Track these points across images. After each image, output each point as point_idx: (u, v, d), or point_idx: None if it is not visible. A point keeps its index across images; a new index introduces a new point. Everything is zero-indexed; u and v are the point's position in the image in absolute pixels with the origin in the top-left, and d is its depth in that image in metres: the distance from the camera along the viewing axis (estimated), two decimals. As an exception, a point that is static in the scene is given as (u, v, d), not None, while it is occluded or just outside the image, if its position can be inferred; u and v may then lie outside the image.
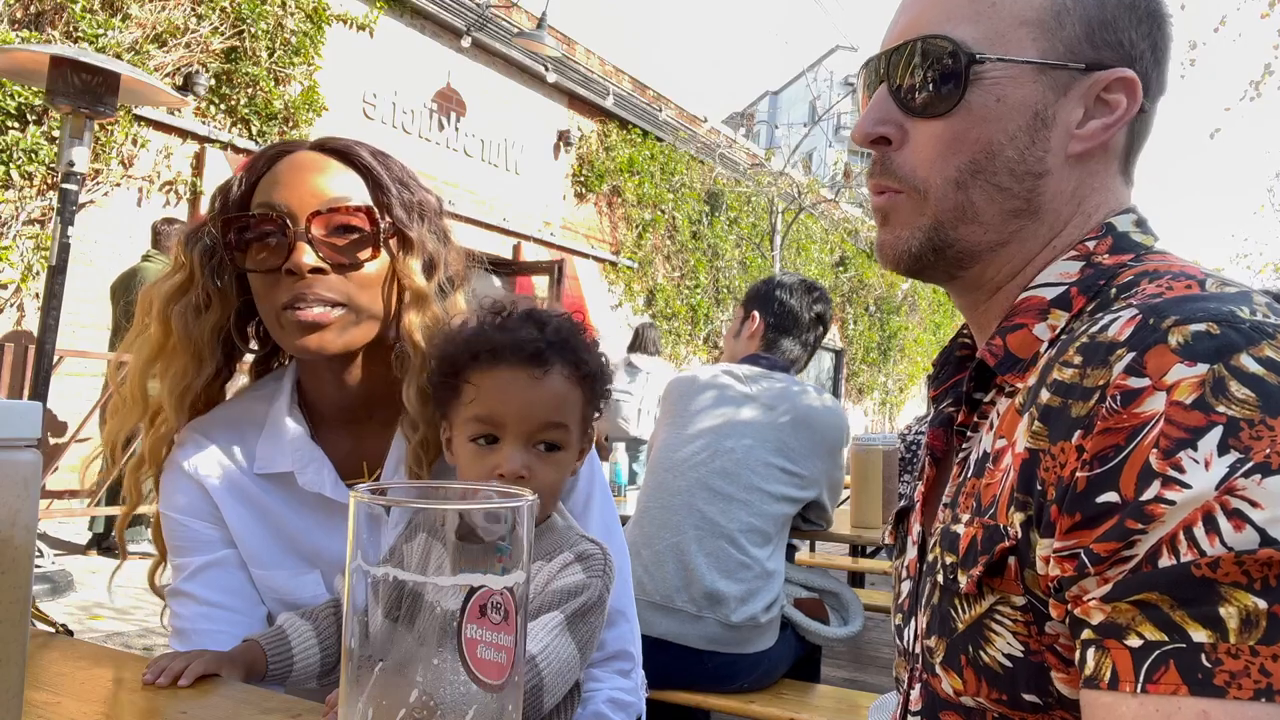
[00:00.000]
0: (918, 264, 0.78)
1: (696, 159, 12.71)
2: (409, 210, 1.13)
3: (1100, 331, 0.61)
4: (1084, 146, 0.74)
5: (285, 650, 1.04)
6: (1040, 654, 0.64)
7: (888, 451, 3.03)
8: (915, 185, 0.76)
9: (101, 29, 6.08)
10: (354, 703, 0.55)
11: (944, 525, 0.73)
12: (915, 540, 0.82)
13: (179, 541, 1.15)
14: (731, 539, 2.25)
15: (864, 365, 17.62)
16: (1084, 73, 0.73)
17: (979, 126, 0.73)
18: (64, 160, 2.95)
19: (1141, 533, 0.54)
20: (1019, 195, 0.74)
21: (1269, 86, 9.02)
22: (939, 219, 0.75)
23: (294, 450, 1.14)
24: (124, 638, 3.77)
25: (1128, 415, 0.56)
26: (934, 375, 0.89)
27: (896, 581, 0.87)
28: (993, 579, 0.65)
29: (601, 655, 1.16)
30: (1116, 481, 0.56)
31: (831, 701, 2.28)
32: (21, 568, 0.68)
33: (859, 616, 2.44)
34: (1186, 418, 0.54)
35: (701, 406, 2.38)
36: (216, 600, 1.12)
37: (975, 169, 0.74)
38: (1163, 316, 0.59)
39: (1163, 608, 0.53)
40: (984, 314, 0.80)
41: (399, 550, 0.55)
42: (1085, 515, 0.57)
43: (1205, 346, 0.56)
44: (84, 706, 0.85)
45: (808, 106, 22.87)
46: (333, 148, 1.13)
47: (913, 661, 0.78)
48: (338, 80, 7.80)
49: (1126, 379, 0.57)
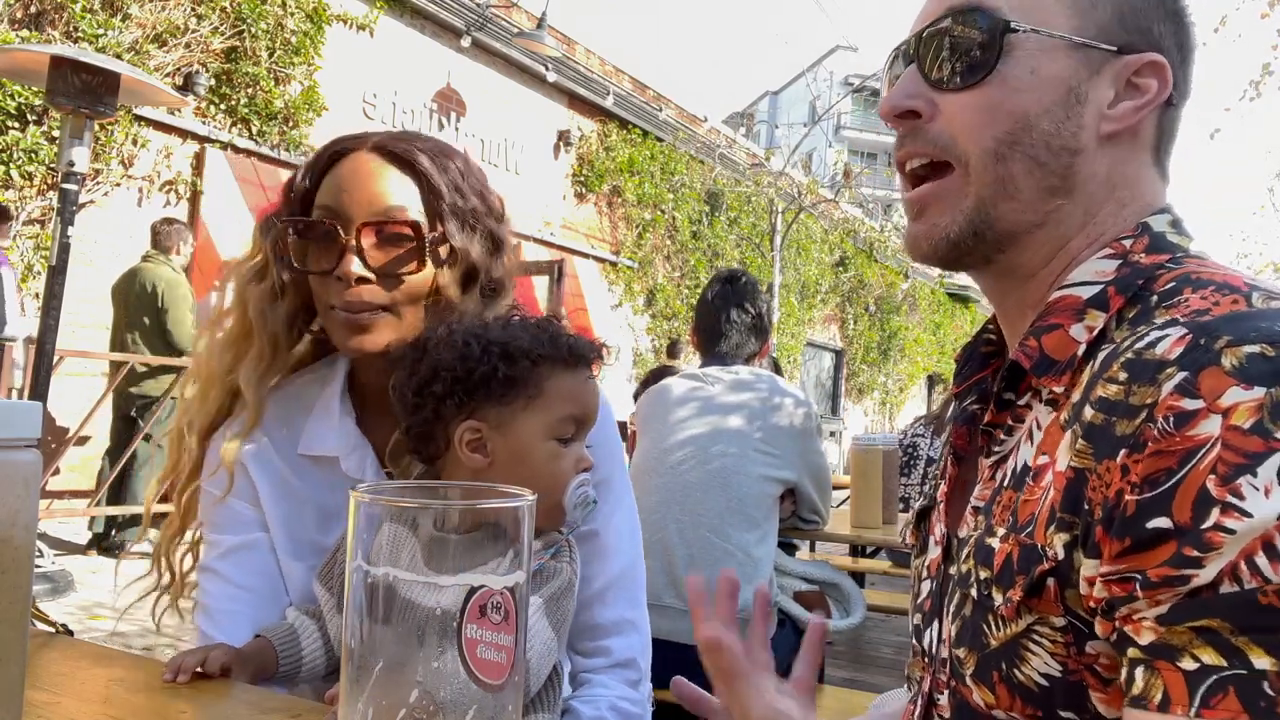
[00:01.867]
0: (955, 251, 0.76)
1: (696, 159, 12.72)
2: (460, 218, 1.14)
3: (1147, 348, 0.60)
4: (1115, 127, 0.73)
5: (295, 649, 1.04)
6: (1079, 673, 0.63)
7: (888, 451, 3.03)
8: (956, 155, 0.74)
9: (101, 29, 6.09)
10: (354, 703, 0.55)
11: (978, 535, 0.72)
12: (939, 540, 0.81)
13: (215, 518, 1.16)
14: (714, 528, 2.27)
15: (864, 365, 17.63)
16: (1115, 55, 0.73)
17: (1014, 97, 0.72)
18: (64, 160, 2.95)
19: (1199, 560, 0.53)
20: (1055, 172, 0.73)
21: (1269, 86, 9.02)
22: (981, 196, 0.74)
23: (341, 435, 1.16)
24: (124, 638, 3.77)
25: (1180, 438, 0.55)
26: (958, 371, 0.87)
27: (916, 581, 0.86)
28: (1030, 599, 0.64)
29: (608, 661, 1.16)
30: (1169, 506, 0.55)
31: (832, 701, 2.28)
32: (21, 568, 0.68)
33: (861, 608, 2.43)
34: (1245, 443, 0.53)
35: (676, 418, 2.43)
36: (245, 583, 1.13)
37: (1013, 140, 0.72)
38: (1214, 336, 0.57)
39: (1223, 633, 0.52)
40: (1015, 304, 0.78)
41: (399, 550, 0.55)
42: (1136, 540, 0.56)
43: (1261, 369, 0.55)
44: (84, 706, 0.85)
45: (808, 106, 22.88)
46: (392, 151, 1.12)
47: (935, 666, 0.77)
48: (338, 80, 7.80)
49: (1179, 400, 0.56)
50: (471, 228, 1.15)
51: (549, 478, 1.01)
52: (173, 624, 1.21)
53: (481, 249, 1.16)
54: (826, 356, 17.13)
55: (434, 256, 1.12)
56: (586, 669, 1.16)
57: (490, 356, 1.01)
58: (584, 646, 1.16)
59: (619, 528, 1.21)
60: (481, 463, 1.02)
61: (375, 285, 1.09)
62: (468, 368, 1.01)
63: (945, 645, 0.74)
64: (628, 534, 1.22)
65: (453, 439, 1.02)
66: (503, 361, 1.01)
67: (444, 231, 1.12)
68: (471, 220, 1.15)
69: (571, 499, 1.02)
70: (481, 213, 1.17)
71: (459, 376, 1.01)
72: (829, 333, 16.71)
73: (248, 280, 1.17)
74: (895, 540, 3.06)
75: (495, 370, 1.01)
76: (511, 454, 1.02)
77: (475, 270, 1.15)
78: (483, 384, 1.01)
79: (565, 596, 1.01)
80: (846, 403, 17.50)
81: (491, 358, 1.01)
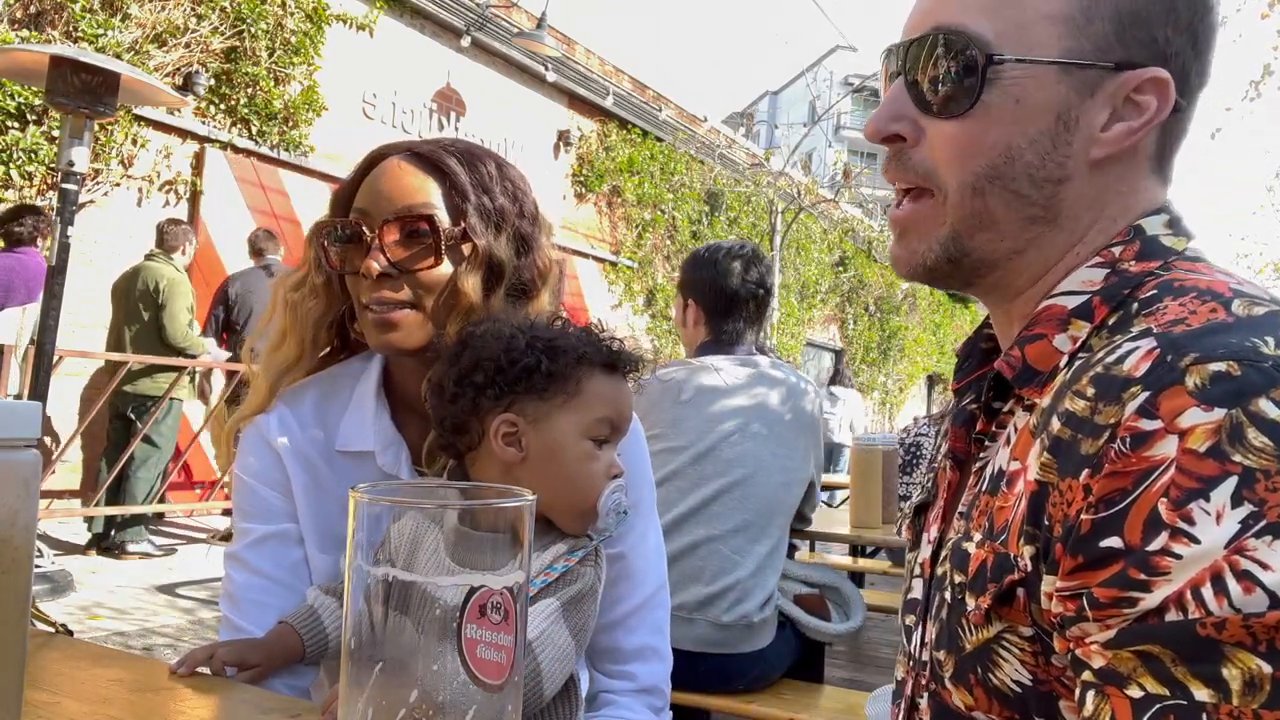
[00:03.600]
0: (932, 276, 0.76)
1: (696, 159, 12.71)
2: (485, 218, 1.15)
3: (1116, 363, 0.59)
4: (1107, 151, 0.70)
5: (319, 629, 1.05)
6: (1048, 684, 0.63)
7: (887, 451, 3.03)
8: (935, 183, 0.73)
9: (101, 29, 6.08)
10: (354, 703, 0.55)
11: (955, 539, 0.72)
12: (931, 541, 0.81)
13: (247, 506, 1.17)
14: (725, 540, 2.22)
15: (864, 365, 17.63)
16: (1113, 72, 0.68)
17: (997, 129, 0.69)
18: (64, 160, 2.95)
19: (1146, 584, 0.53)
20: (1037, 203, 0.71)
21: (1269, 86, 9.02)
22: (956, 228, 0.72)
23: (376, 431, 1.17)
24: (124, 638, 3.77)
25: (1136, 459, 0.55)
26: (958, 367, 0.86)
27: (909, 576, 0.86)
28: (1001, 608, 0.64)
29: (633, 686, 1.17)
30: (1121, 527, 0.55)
31: (832, 702, 2.28)
32: (21, 568, 0.68)
33: (860, 611, 2.41)
34: (1200, 466, 0.52)
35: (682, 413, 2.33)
36: (273, 574, 1.15)
37: (993, 174, 0.70)
38: (1181, 353, 0.56)
39: (1164, 661, 0.52)
40: (1005, 315, 0.78)
41: (399, 549, 0.55)
42: (1088, 558, 0.56)
43: (1223, 390, 0.54)
44: (84, 706, 0.85)
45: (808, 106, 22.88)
46: (419, 153, 1.16)
47: (918, 668, 0.77)
48: (338, 80, 7.80)
49: (1138, 420, 0.55)
50: (498, 227, 1.16)
51: (582, 478, 1.01)
52: (173, 624, 1.21)
53: (509, 248, 1.17)
54: (826, 356, 17.11)
55: (453, 253, 1.13)
56: (610, 689, 1.16)
57: (534, 350, 1.02)
58: (608, 669, 1.17)
59: (647, 553, 1.21)
60: (515, 456, 1.01)
61: (397, 280, 1.11)
62: (511, 359, 1.01)
63: (928, 649, 0.74)
64: (655, 559, 1.22)
65: (487, 431, 1.02)
66: (546, 356, 1.01)
67: (466, 229, 1.13)
68: (498, 219, 1.16)
69: (606, 504, 1.01)
70: (511, 213, 1.17)
71: (501, 367, 1.01)
72: (829, 333, 16.71)
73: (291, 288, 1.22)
74: (895, 540, 3.06)
75: (539, 363, 1.01)
76: (545, 450, 1.01)
77: (501, 269, 1.16)
78: (524, 376, 1.01)
79: (587, 600, 1.00)
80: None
81: (535, 351, 1.02)
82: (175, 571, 5.06)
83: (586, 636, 1.01)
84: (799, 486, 2.36)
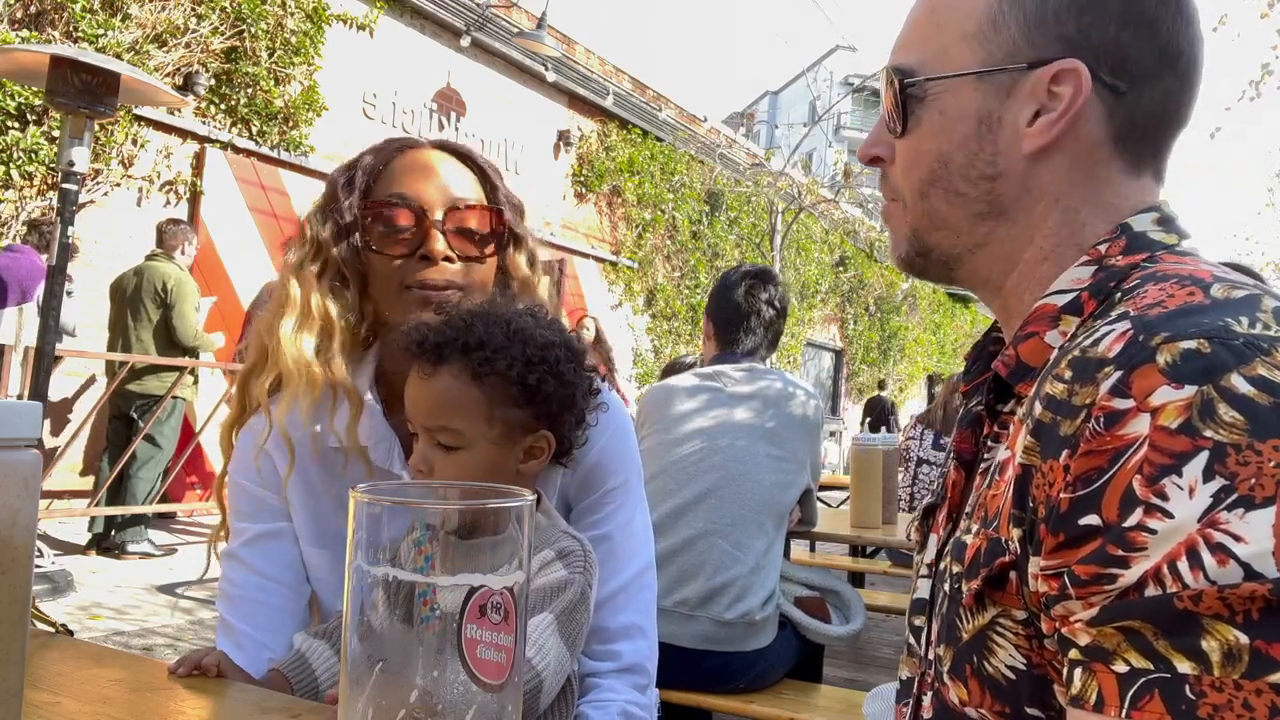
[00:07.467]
0: (912, 268, 0.85)
1: (696, 159, 12.72)
2: (516, 211, 1.26)
3: (1092, 345, 0.61)
4: (1039, 143, 0.74)
5: (307, 672, 1.05)
6: (1043, 667, 0.64)
7: (887, 452, 3.03)
8: (900, 194, 0.83)
9: (101, 29, 6.09)
10: (354, 703, 0.55)
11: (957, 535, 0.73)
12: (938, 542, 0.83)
13: (241, 505, 1.18)
14: (724, 534, 2.25)
15: (864, 365, 17.63)
16: (1026, 71, 0.75)
17: (930, 140, 0.78)
18: (64, 160, 2.95)
19: (1124, 559, 0.54)
20: (978, 199, 0.77)
21: (1269, 86, 9.02)
22: (914, 227, 0.82)
23: (370, 427, 1.18)
24: (124, 638, 3.77)
25: (1110, 437, 0.56)
26: (967, 369, 0.89)
27: (915, 577, 0.87)
28: (994, 592, 0.65)
29: (617, 666, 1.16)
30: (1099, 504, 0.56)
31: (832, 702, 2.28)
32: (21, 568, 0.68)
33: (860, 615, 2.43)
34: (1171, 443, 0.54)
35: (683, 411, 2.41)
36: (269, 572, 1.15)
37: (932, 179, 0.79)
38: (1153, 332, 0.58)
39: (1146, 635, 0.53)
40: (1000, 310, 0.82)
41: (399, 550, 0.55)
42: (1068, 536, 0.57)
43: (1193, 367, 0.55)
44: (84, 706, 0.85)
45: (808, 106, 22.88)
46: (452, 149, 1.25)
47: (925, 666, 0.78)
48: (338, 80, 7.80)
49: (1111, 400, 0.57)
50: (520, 217, 1.27)
51: None
52: (173, 624, 1.21)
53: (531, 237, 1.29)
54: (826, 356, 17.13)
55: (501, 242, 1.23)
56: (594, 671, 1.16)
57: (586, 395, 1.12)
58: (592, 649, 1.17)
59: (633, 533, 1.21)
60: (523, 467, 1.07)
61: (455, 265, 1.17)
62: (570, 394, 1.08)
63: (932, 646, 0.75)
64: (642, 539, 1.23)
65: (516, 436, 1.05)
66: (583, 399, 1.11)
67: (507, 221, 1.23)
68: (520, 211, 1.28)
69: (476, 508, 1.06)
70: (519, 207, 1.29)
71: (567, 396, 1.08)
72: (829, 333, 16.71)
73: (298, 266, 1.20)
74: (895, 540, 3.06)
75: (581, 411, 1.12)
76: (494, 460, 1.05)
77: (534, 256, 1.29)
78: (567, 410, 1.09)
79: (579, 609, 1.01)
80: (846, 403, 17.50)
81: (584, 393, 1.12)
82: (175, 571, 5.07)
83: (581, 643, 1.02)
84: (794, 490, 2.40)
